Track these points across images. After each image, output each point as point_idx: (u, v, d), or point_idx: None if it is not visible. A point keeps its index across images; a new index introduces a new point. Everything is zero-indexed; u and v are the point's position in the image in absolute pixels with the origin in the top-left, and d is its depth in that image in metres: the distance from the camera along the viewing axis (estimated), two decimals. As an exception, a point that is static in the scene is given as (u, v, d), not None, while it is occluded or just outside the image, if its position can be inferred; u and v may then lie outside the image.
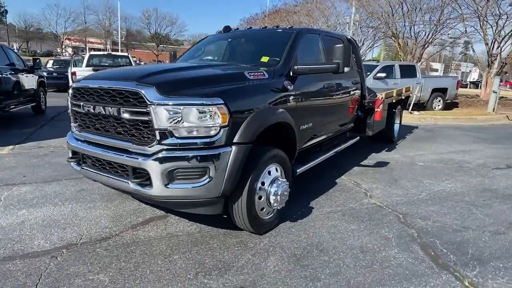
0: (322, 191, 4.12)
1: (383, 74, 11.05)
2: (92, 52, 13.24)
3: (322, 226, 3.21)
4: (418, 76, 12.08)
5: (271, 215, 3.08)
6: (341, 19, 22.13)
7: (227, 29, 4.42)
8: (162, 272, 2.44)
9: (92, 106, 2.76)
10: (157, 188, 2.49)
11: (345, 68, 3.40)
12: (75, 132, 3.06)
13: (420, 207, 3.72)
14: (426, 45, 17.66)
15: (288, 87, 3.26)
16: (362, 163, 5.47)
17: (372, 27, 20.26)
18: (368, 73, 11.29)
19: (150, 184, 2.51)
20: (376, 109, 5.36)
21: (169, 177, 2.47)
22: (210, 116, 2.47)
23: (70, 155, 3.14)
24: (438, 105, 12.77)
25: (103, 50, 47.55)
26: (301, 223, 3.26)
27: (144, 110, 2.44)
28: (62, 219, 3.22)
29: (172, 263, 2.56)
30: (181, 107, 2.42)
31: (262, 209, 2.93)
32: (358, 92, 4.99)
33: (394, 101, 6.28)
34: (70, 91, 2.98)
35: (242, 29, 4.33)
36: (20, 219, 3.19)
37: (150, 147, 2.48)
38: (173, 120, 2.43)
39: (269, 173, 2.96)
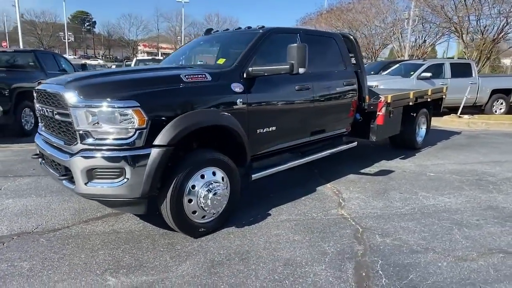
0: (293, 197, 3.94)
1: (428, 74, 10.10)
2: (139, 57, 14.31)
3: (264, 235, 3.07)
4: (473, 75, 10.80)
5: (209, 219, 3.05)
6: (399, 15, 20.62)
7: (208, 31, 4.46)
8: (78, 266, 2.57)
9: (41, 108, 3.03)
10: (79, 186, 2.64)
11: (300, 69, 3.21)
12: (39, 131, 3.37)
13: (390, 222, 3.35)
14: (496, 41, 15.68)
15: (237, 89, 3.19)
16: (362, 170, 5.08)
17: (434, 22, 18.59)
18: (412, 72, 10.46)
19: (74, 182, 2.67)
20: (378, 113, 4.95)
21: (88, 176, 2.60)
22: (126, 118, 2.55)
23: (37, 152, 3.46)
24: (500, 109, 11.26)
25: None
26: (244, 230, 3.16)
27: (67, 112, 2.61)
28: (34, 209, 3.57)
29: (93, 258, 2.68)
30: (98, 110, 2.53)
31: (194, 212, 2.92)
32: (352, 94, 4.65)
33: (411, 103, 5.70)
34: (34, 93, 3.29)
35: (219, 32, 4.33)
36: (3, 207, 3.61)
37: (74, 146, 2.64)
38: (91, 122, 2.55)
39: (202, 176, 2.93)
